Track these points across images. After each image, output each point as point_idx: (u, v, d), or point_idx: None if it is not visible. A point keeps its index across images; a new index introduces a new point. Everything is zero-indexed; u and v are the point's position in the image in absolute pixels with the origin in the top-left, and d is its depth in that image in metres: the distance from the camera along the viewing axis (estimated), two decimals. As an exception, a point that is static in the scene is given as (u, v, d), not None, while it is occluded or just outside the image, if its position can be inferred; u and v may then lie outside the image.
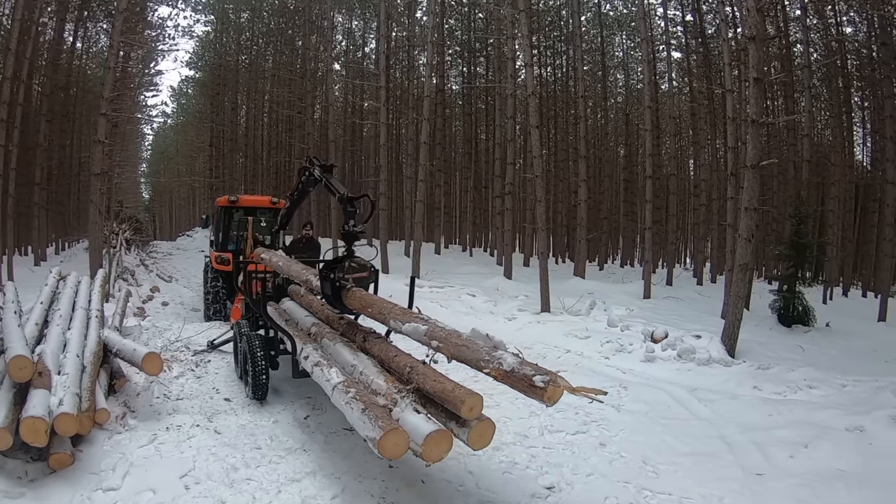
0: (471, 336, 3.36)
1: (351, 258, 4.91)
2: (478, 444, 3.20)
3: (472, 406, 3.13)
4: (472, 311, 10.46)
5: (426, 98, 14.83)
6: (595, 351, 7.68)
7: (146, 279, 13.26)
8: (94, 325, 5.35)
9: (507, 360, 3.01)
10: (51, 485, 3.50)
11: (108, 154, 13.37)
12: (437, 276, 15.12)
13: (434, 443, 3.01)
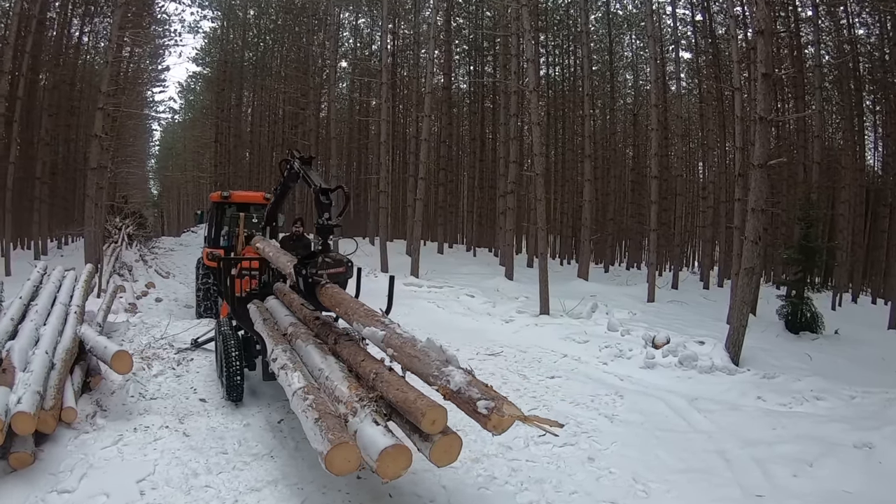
0: (425, 346, 3.15)
1: (325, 253, 4.73)
2: (442, 460, 2.97)
3: (434, 419, 2.92)
4: (469, 313, 10.26)
5: (427, 95, 14.63)
6: (593, 356, 7.45)
7: (143, 275, 13.19)
8: (72, 320, 5.22)
9: (455, 379, 2.82)
10: (9, 484, 3.39)
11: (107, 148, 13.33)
12: (438, 275, 14.96)
13: (390, 458, 2.79)
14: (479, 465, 4.18)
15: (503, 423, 2.60)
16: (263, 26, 25.60)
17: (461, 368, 2.93)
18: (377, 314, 3.90)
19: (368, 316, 3.78)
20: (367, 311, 3.91)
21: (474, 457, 4.26)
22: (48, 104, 15.42)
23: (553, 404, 5.60)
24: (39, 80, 16.03)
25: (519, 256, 20.57)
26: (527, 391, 5.96)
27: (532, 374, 6.60)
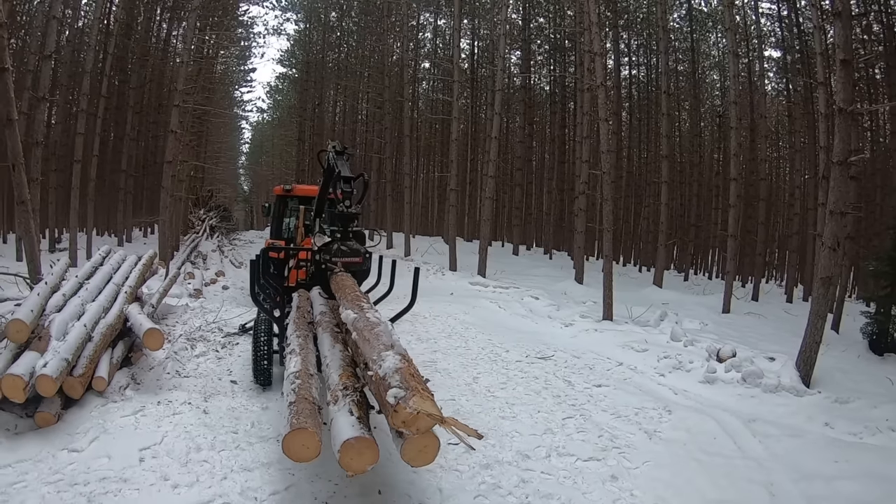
0: (380, 331, 2.98)
1: (343, 241, 4.70)
2: (416, 460, 2.74)
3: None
4: (529, 315, 9.94)
5: (497, 92, 14.33)
6: (650, 366, 6.88)
7: (216, 264, 14.01)
8: (121, 299, 5.54)
9: (386, 364, 2.62)
10: (29, 439, 3.64)
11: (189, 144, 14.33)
12: (506, 276, 14.67)
13: (353, 451, 2.63)
14: (487, 471, 3.92)
15: (414, 420, 2.37)
16: (346, 28, 26.51)
17: (398, 355, 2.74)
18: (362, 300, 3.81)
19: (354, 301, 3.69)
20: (355, 297, 3.84)
21: (486, 462, 4.01)
22: (133, 102, 16.87)
23: (592, 414, 5.20)
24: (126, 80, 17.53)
25: (594, 261, 19.83)
26: (567, 398, 5.58)
27: (579, 380, 6.20)
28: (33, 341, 4.02)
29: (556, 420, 4.98)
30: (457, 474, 3.83)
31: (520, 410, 5.17)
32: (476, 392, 5.64)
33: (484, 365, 6.57)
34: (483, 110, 24.89)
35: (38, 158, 7.87)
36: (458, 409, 5.08)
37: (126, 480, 3.31)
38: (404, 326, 8.06)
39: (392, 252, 19.32)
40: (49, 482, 3.19)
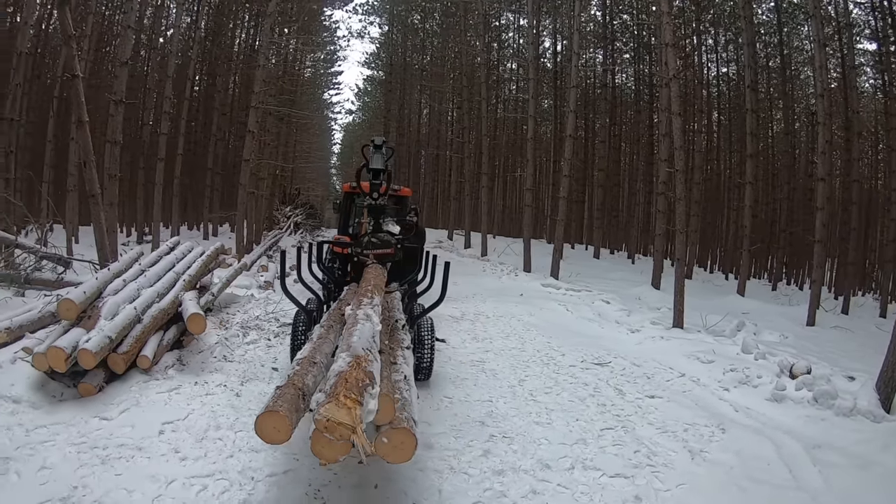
0: (355, 329, 2.93)
1: (374, 233, 4.69)
2: (391, 456, 2.65)
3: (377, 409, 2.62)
4: (596, 319, 9.48)
5: (572, 89, 13.76)
6: (714, 379, 6.24)
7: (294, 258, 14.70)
8: (178, 287, 5.89)
9: (333, 366, 2.54)
10: (68, 405, 3.97)
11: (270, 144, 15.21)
12: (581, 279, 14.16)
13: (324, 440, 2.54)
14: (498, 477, 3.69)
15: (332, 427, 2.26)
16: (429, 29, 26.93)
17: (350, 357, 2.64)
18: (368, 293, 3.73)
19: (361, 294, 3.63)
20: (364, 291, 3.77)
21: (501, 468, 3.80)
22: (219, 104, 18.22)
23: (635, 427, 4.77)
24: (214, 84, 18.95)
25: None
26: (613, 408, 5.17)
27: (631, 389, 5.75)
28: (84, 319, 4.41)
29: (593, 430, 4.63)
30: (464, 478, 3.65)
31: (557, 417, 4.87)
32: (517, 395, 5.40)
33: (535, 368, 6.31)
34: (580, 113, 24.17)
35: (116, 157, 8.72)
36: (491, 410, 4.89)
37: (141, 449, 3.50)
38: (464, 325, 8.03)
39: (469, 252, 19.37)
40: (74, 443, 3.46)
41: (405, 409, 2.87)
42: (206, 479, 3.26)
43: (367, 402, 2.44)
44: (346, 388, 2.40)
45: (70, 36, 6.80)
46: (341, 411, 2.27)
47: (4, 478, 3.04)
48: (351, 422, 2.27)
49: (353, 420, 2.27)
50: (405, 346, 4.05)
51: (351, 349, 2.76)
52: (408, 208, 9.38)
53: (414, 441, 2.65)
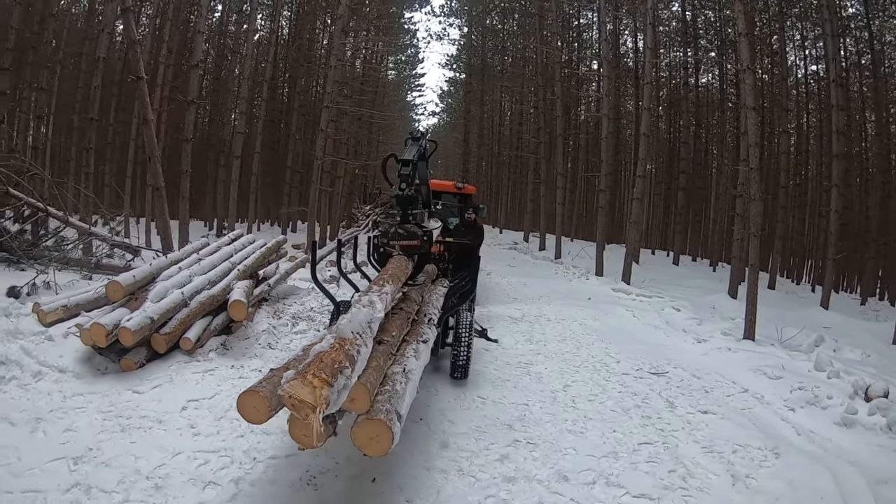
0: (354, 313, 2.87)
1: (401, 224, 4.65)
2: (368, 447, 2.56)
3: (353, 396, 2.57)
4: (663, 326, 8.89)
5: (646, 85, 12.93)
6: (779, 397, 5.56)
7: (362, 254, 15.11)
8: (231, 276, 6.17)
9: (321, 343, 2.46)
10: (108, 378, 4.30)
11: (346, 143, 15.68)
12: (655, 285, 13.40)
13: (299, 423, 2.51)
14: (507, 485, 3.48)
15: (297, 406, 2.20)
16: (508, 30, 26.67)
17: (333, 337, 2.61)
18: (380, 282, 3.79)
19: (375, 282, 3.64)
20: (378, 279, 3.84)
21: (512, 475, 3.59)
22: (298, 105, 19.07)
23: (678, 444, 4.33)
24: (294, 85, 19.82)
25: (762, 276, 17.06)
26: (658, 421, 4.74)
27: (684, 403, 5.27)
28: (131, 301, 4.75)
29: (629, 443, 4.26)
30: (470, 481, 3.48)
31: (594, 426, 4.54)
32: (557, 400, 5.12)
33: (584, 373, 5.97)
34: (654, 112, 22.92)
35: (187, 153, 9.39)
36: (524, 415, 4.66)
37: (161, 421, 3.70)
38: (522, 327, 7.85)
39: (543, 254, 18.97)
40: (102, 412, 3.73)
41: (390, 402, 2.76)
42: (210, 455, 3.36)
43: (339, 385, 2.36)
44: (319, 367, 2.34)
45: (134, 41, 7.44)
46: (305, 389, 2.21)
47: (33, 435, 3.34)
48: (313, 401, 2.19)
49: (315, 400, 2.20)
50: (422, 340, 3.96)
51: (338, 331, 2.71)
52: (473, 206, 9.31)
53: (390, 434, 2.54)
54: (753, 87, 8.20)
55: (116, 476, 3.02)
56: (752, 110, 7.98)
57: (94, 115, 9.07)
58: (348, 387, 2.48)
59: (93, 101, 9.48)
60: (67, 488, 2.88)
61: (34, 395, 3.77)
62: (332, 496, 3.12)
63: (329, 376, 2.29)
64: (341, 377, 2.36)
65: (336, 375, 2.33)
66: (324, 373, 2.29)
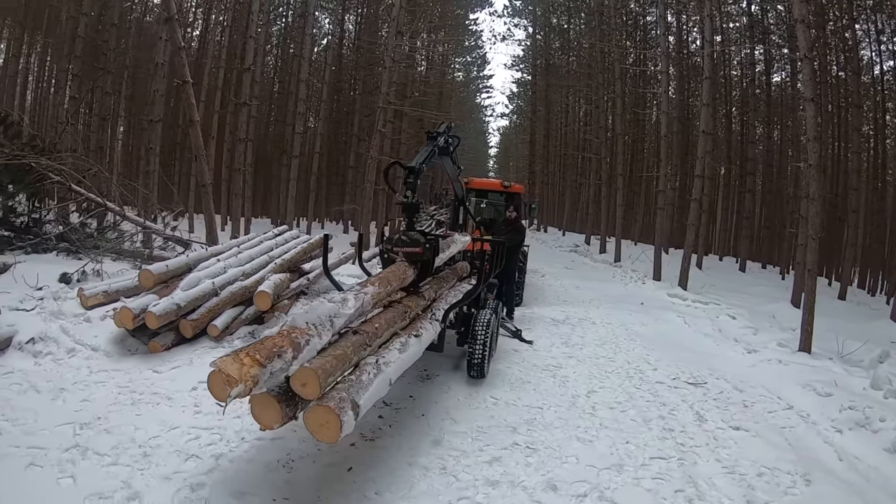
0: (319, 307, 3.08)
1: (405, 231, 4.69)
2: (319, 433, 2.61)
3: (303, 381, 2.63)
4: (715, 335, 8.39)
5: (705, 80, 12.11)
6: (826, 416, 5.02)
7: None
8: (268, 269, 6.47)
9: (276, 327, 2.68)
10: (135, 358, 4.67)
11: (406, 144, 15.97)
12: (715, 291, 12.62)
13: (258, 404, 2.67)
14: (487, 488, 3.37)
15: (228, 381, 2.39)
16: (574, 29, 26.02)
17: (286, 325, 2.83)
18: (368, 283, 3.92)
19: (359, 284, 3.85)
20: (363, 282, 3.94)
21: (496, 479, 3.48)
22: (360, 106, 19.57)
23: (696, 461, 4.00)
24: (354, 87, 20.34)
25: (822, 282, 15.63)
26: (680, 435, 4.43)
27: (715, 417, 4.90)
28: (163, 288, 5.14)
29: (639, 456, 4.00)
30: (449, 481, 3.41)
31: (606, 435, 4.31)
32: (576, 406, 4.93)
33: (614, 380, 5.74)
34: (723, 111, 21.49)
35: (240, 152, 9.94)
36: (534, 418, 4.52)
37: (170, 399, 3.98)
38: (562, 329, 7.74)
39: (603, 258, 18.43)
40: (119, 386, 4.08)
41: (348, 390, 2.80)
42: (202, 431, 3.57)
43: (274, 367, 2.48)
44: (256, 349, 2.50)
45: (179, 48, 8.02)
46: (234, 365, 2.37)
47: (53, 402, 3.73)
48: (237, 377, 2.34)
49: (240, 376, 2.34)
50: (414, 335, 3.97)
51: (292, 320, 2.80)
52: (516, 205, 9.19)
53: (339, 422, 2.57)
54: (812, 78, 7.44)
55: (113, 442, 3.30)
56: (810, 102, 7.25)
57: (155, 117, 9.93)
58: (285, 370, 2.58)
59: (153, 104, 10.38)
60: (67, 448, 3.18)
61: (64, 369, 4.20)
62: (303, 479, 3.20)
63: (263, 358, 2.41)
64: (278, 360, 2.48)
65: (272, 358, 2.45)
66: (258, 354, 2.41)
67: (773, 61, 19.65)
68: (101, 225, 7.25)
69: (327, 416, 2.59)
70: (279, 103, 21.48)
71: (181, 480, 3.00)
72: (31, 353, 4.22)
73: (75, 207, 7.05)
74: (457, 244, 6.35)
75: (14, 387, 3.84)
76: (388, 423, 4.17)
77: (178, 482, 2.98)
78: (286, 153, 17.52)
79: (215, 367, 2.36)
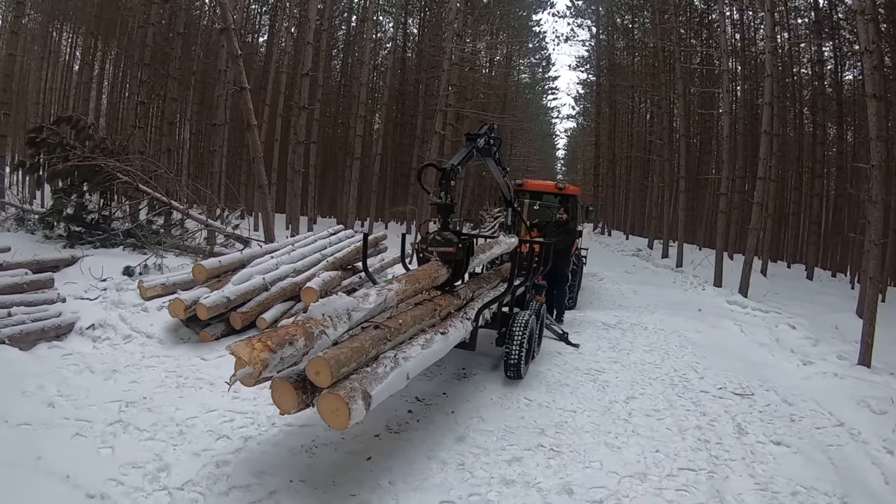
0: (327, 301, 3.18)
1: (439, 232, 4.77)
2: (331, 420, 2.76)
3: (317, 370, 2.78)
4: (769, 344, 7.98)
5: (767, 78, 11.40)
6: (879, 435, 4.67)
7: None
8: (319, 266, 6.73)
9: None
10: (186, 346, 5.04)
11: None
12: (778, 300, 12.03)
13: (277, 390, 2.85)
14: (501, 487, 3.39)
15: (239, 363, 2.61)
16: (639, 29, 25.22)
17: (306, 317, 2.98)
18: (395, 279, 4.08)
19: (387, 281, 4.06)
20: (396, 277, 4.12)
21: (512, 479, 3.49)
22: (423, 109, 19.84)
23: (727, 476, 3.80)
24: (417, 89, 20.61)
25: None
26: (715, 447, 4.23)
27: (757, 430, 4.66)
28: (215, 283, 5.51)
29: (667, 467, 3.87)
30: (464, 476, 3.45)
31: (636, 443, 4.20)
32: (611, 411, 4.84)
33: (656, 387, 5.59)
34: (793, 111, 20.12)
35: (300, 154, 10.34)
36: (565, 421, 4.48)
37: (212, 384, 4.26)
38: (612, 334, 7.68)
39: (665, 262, 17.94)
40: (168, 371, 4.44)
41: (361, 381, 2.92)
42: (237, 415, 3.82)
43: (284, 353, 2.68)
44: (269, 336, 2.70)
45: (236, 56, 8.49)
46: (246, 349, 2.59)
47: (105, 382, 4.13)
48: (248, 359, 2.55)
49: (249, 358, 2.55)
50: (441, 332, 4.04)
51: (310, 312, 2.96)
52: (566, 207, 9.09)
53: (347, 410, 2.70)
54: (874, 73, 6.85)
55: (153, 419, 3.61)
56: (872, 98, 6.68)
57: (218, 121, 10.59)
58: (295, 357, 2.75)
59: (216, 109, 11.08)
60: (111, 423, 3.52)
61: (119, 353, 4.63)
62: (322, 465, 3.36)
63: (274, 344, 2.60)
64: (289, 347, 2.67)
65: (283, 345, 2.64)
66: (270, 340, 2.59)
67: (845, 58, 18.21)
68: (166, 222, 7.87)
69: (337, 404, 2.72)
70: (344, 106, 22.23)
71: (209, 457, 3.24)
72: (90, 338, 4.68)
73: (146, 205, 7.68)
74: (501, 245, 6.37)
75: (72, 367, 4.26)
76: (417, 417, 4.27)
77: (205, 458, 3.23)
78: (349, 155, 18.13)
79: (230, 351, 2.55)
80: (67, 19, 19.75)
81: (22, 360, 4.13)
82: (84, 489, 2.85)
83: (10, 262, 5.07)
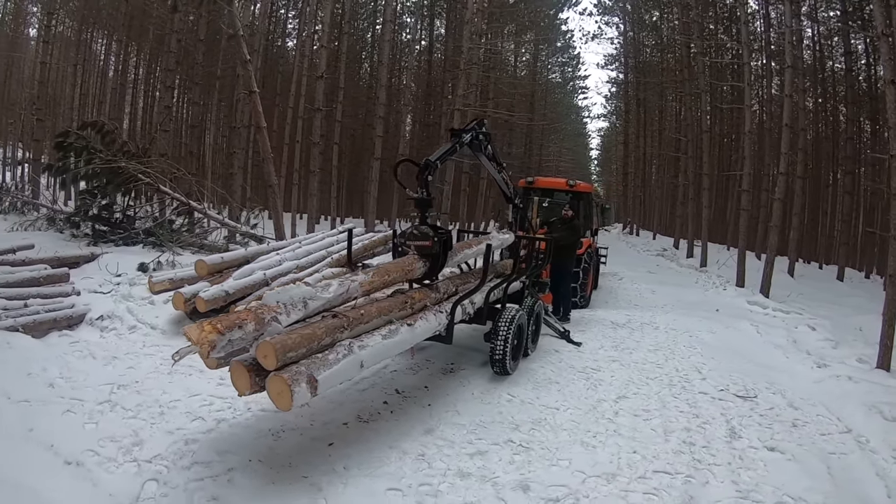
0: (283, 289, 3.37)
1: (416, 226, 4.86)
2: (277, 401, 2.94)
3: (264, 353, 2.95)
4: (785, 346, 7.68)
5: (787, 69, 10.88)
6: (889, 445, 4.40)
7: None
8: (323, 263, 6.92)
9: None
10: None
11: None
12: (804, 300, 11.58)
13: (235, 372, 3.06)
14: (454, 479, 3.42)
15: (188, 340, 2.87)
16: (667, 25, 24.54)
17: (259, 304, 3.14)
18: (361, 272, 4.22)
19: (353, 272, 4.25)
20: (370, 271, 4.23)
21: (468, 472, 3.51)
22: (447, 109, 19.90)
23: (707, 482, 3.65)
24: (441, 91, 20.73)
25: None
26: (701, 451, 4.06)
27: (752, 435, 4.47)
28: (217, 278, 5.82)
29: (641, 469, 3.76)
30: (420, 467, 3.51)
31: (614, 443, 4.12)
32: (597, 410, 4.76)
33: (652, 387, 5.47)
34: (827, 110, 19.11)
35: (314, 155, 10.67)
36: (544, 418, 4.45)
37: (202, 372, 4.09)
38: (619, 333, 7.60)
39: (689, 262, 17.60)
40: (164, 359, 4.58)
41: (308, 366, 3.07)
42: (217, 399, 4.06)
43: (233, 335, 2.88)
44: (220, 319, 2.90)
45: (246, 61, 8.89)
46: (196, 330, 2.82)
47: (104, 367, 4.47)
48: (196, 339, 2.78)
49: (198, 339, 2.78)
50: (408, 324, 4.15)
51: (264, 298, 3.15)
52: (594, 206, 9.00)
53: (290, 393, 2.86)
54: (891, 58, 6.42)
55: (139, 400, 3.92)
56: (890, 84, 6.26)
57: (237, 123, 11.10)
58: (246, 340, 2.95)
59: (236, 112, 11.59)
60: (100, 402, 3.84)
61: (122, 342, 4.98)
62: (284, 448, 3.54)
63: (224, 327, 2.82)
64: (238, 331, 2.87)
65: (232, 328, 2.85)
66: (220, 323, 2.80)
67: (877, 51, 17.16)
68: (187, 222, 8.37)
69: (281, 386, 2.90)
70: (368, 108, 22.69)
71: (180, 435, 3.50)
72: (98, 328, 5.05)
73: (171, 205, 8.19)
74: (492, 241, 6.38)
75: (76, 353, 4.64)
76: (391, 409, 4.36)
77: (177, 437, 3.49)
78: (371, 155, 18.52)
79: (184, 332, 2.77)
80: (100, 26, 20.53)
81: (33, 346, 4.51)
82: (63, 457, 3.15)
83: (32, 259, 5.57)
